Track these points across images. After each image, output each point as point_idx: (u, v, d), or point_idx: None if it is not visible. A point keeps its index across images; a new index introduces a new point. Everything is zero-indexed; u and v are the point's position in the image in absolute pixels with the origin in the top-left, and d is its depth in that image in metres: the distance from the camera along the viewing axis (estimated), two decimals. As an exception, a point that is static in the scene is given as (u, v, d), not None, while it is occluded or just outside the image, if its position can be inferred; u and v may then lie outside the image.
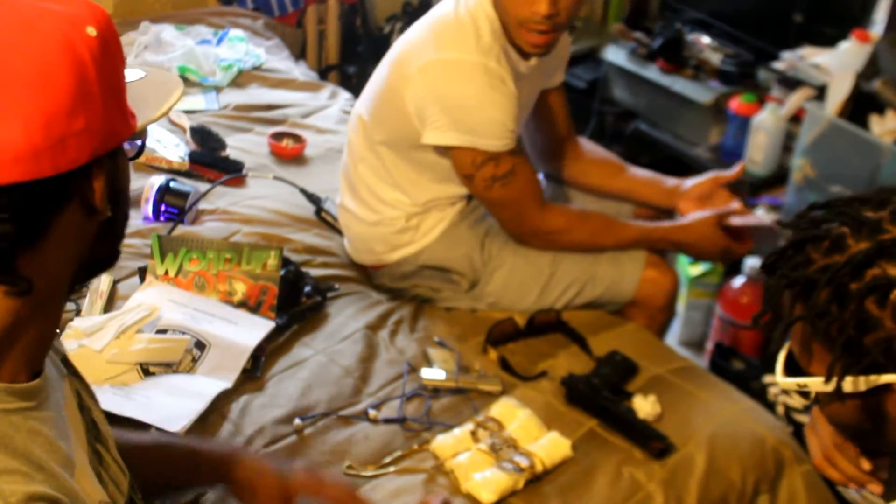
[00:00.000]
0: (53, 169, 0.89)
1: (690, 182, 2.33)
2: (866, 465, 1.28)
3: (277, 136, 2.69)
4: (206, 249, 1.96)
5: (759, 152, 3.01)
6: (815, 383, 1.09)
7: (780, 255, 1.12)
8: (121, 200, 1.02)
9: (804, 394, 1.14)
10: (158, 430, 1.69)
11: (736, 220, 2.25)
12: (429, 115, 2.00)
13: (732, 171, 2.31)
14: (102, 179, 0.95)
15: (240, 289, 1.94)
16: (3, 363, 0.95)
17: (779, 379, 1.15)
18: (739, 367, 2.59)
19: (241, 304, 1.94)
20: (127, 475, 1.17)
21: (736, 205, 2.30)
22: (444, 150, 2.07)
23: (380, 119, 2.11)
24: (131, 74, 1.08)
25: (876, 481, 1.29)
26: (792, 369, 1.14)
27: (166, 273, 1.93)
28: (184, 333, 1.88)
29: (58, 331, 1.09)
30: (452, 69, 1.98)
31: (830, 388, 1.06)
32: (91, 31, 0.93)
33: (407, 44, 2.07)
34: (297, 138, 2.71)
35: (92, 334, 1.82)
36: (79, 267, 1.01)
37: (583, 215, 2.22)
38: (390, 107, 2.08)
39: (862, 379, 1.05)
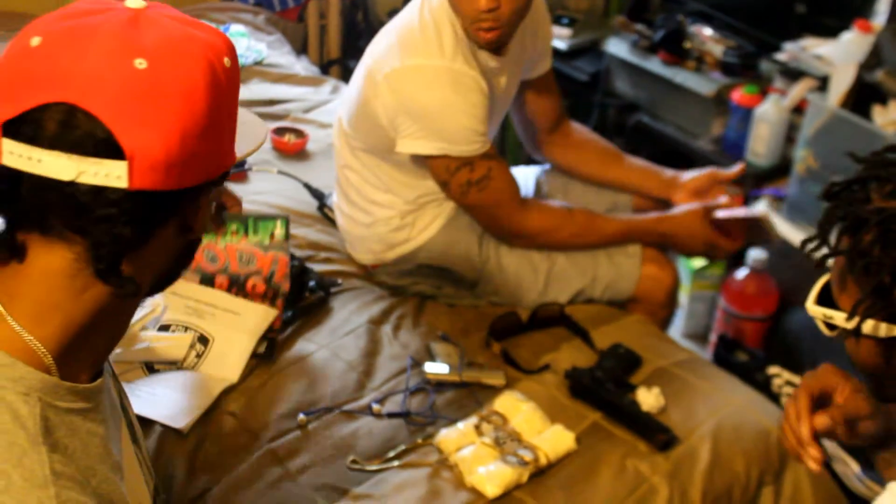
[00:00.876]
0: (178, 184, 0.93)
1: (688, 175, 2.33)
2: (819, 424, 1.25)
3: (280, 132, 2.69)
4: None
5: (761, 144, 3.00)
6: (839, 317, 1.11)
7: (845, 186, 1.12)
8: (214, 220, 1.06)
9: (829, 326, 1.16)
10: (162, 426, 1.70)
11: (721, 213, 2.25)
12: (399, 123, 1.99)
13: (731, 171, 2.30)
14: (209, 203, 0.99)
15: (252, 259, 1.93)
16: (73, 364, 0.96)
17: (808, 305, 1.16)
18: (743, 358, 2.59)
19: (255, 274, 1.94)
20: (153, 476, 1.19)
21: (724, 199, 2.29)
22: (420, 157, 2.05)
23: (357, 127, 2.11)
24: None
25: (817, 452, 1.25)
26: (824, 301, 1.16)
27: None
28: (187, 329, 1.88)
29: None
30: (417, 76, 1.97)
31: (851, 325, 1.08)
32: (227, 61, 0.97)
33: (374, 51, 2.06)
34: (299, 133, 2.71)
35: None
36: (158, 278, 1.03)
37: (566, 213, 2.19)
38: (365, 116, 2.07)
39: (883, 326, 1.06)
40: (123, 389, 1.19)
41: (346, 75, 3.75)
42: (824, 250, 1.13)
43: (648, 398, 1.93)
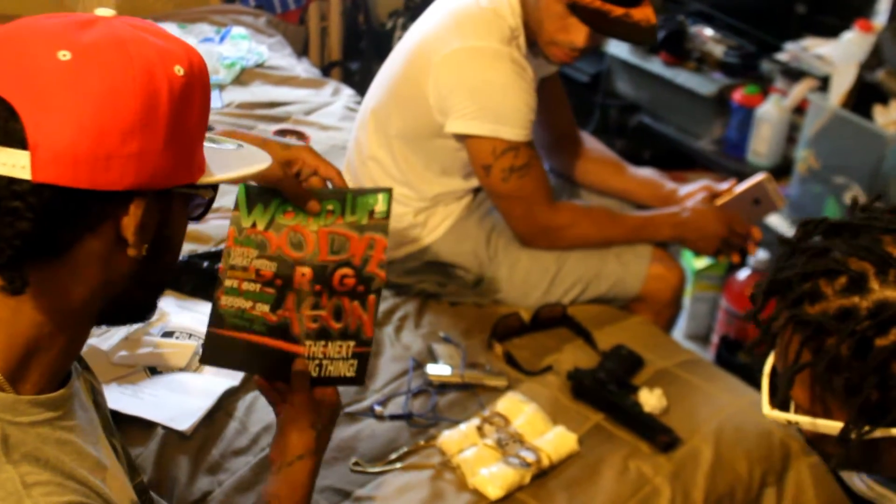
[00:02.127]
0: (89, 183, 0.89)
1: (685, 189, 2.33)
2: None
3: (281, 133, 2.68)
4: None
5: (762, 144, 3.00)
6: (826, 426, 1.01)
7: (785, 284, 1.01)
8: (164, 247, 1.00)
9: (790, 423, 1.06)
10: (165, 428, 1.70)
11: (721, 200, 2.25)
12: (453, 103, 2.00)
13: (723, 187, 2.30)
14: (140, 213, 0.94)
15: (344, 246, 1.50)
16: (26, 376, 0.95)
17: (766, 412, 1.07)
18: (745, 359, 2.59)
19: (345, 264, 1.49)
20: (133, 465, 1.19)
21: (725, 185, 2.29)
22: (461, 142, 2.07)
23: (397, 110, 2.11)
24: (227, 145, 1.10)
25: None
26: (774, 391, 1.07)
27: (254, 225, 1.46)
28: (191, 336, 1.88)
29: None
30: (479, 56, 1.99)
31: (839, 436, 0.99)
32: (178, 69, 0.94)
33: (426, 34, 2.06)
34: (300, 135, 2.70)
35: (100, 334, 1.83)
36: (108, 302, 1.00)
37: (587, 210, 2.22)
38: (408, 98, 2.08)
39: (878, 431, 0.97)
40: (98, 382, 1.18)
41: (347, 77, 3.75)
42: (784, 369, 1.02)
43: (651, 399, 1.93)
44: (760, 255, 2.82)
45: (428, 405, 1.89)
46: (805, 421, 1.03)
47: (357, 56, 3.83)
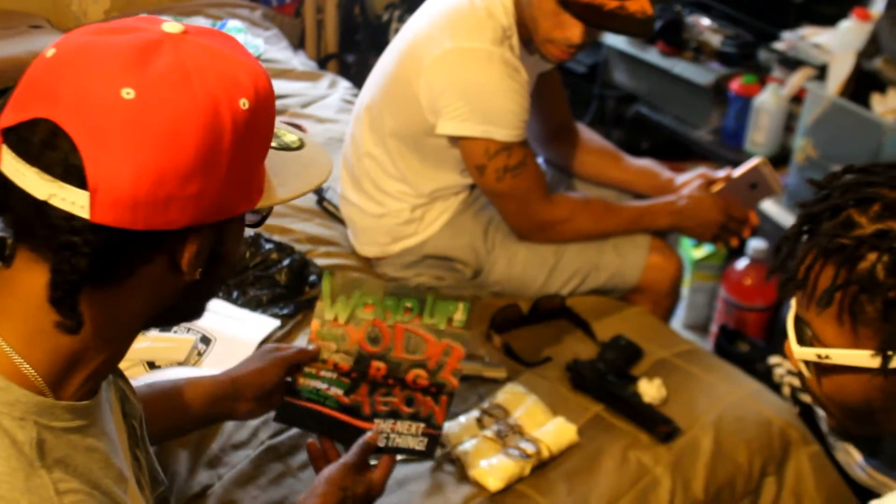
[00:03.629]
0: (146, 224, 0.88)
1: (681, 178, 2.33)
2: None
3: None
4: (385, 296, 1.58)
5: (760, 133, 3.00)
6: (849, 356, 1.02)
7: (812, 218, 1.05)
8: (219, 265, 1.00)
9: (815, 366, 1.08)
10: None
11: (718, 187, 2.25)
12: (444, 104, 1.99)
13: (719, 175, 2.29)
14: (196, 246, 0.94)
15: (420, 347, 1.59)
16: (66, 385, 0.95)
17: (794, 348, 1.08)
18: (744, 349, 2.58)
19: (419, 365, 1.59)
20: (157, 477, 1.18)
21: (722, 172, 2.29)
22: (454, 141, 2.06)
23: (389, 109, 2.10)
24: (289, 139, 1.08)
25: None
26: (800, 339, 1.09)
27: (336, 319, 1.56)
28: (189, 330, 1.88)
29: None
30: (471, 57, 1.97)
31: (876, 363, 1.00)
32: (244, 103, 0.91)
33: (418, 34, 2.05)
34: (298, 127, 2.69)
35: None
36: (157, 314, 1.00)
37: (584, 203, 2.22)
38: (400, 97, 2.07)
39: None
40: (132, 387, 1.18)
41: (343, 70, 3.75)
42: (822, 292, 1.04)
43: (650, 390, 1.93)
44: (759, 244, 2.82)
45: (427, 397, 1.88)
46: (837, 354, 1.04)
47: (353, 48, 3.83)
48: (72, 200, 0.86)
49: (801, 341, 1.09)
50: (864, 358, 1.02)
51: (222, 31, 0.99)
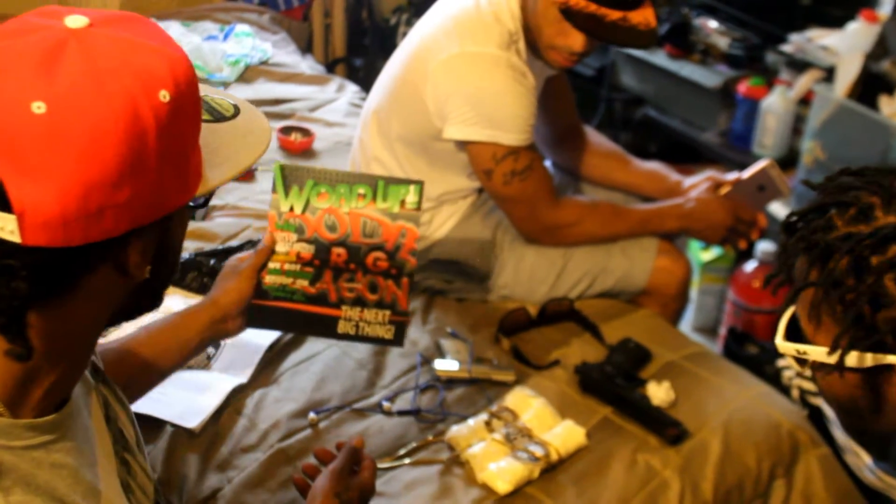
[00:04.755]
0: (83, 239, 0.84)
1: (688, 181, 2.33)
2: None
3: (286, 131, 2.69)
4: (335, 183, 1.65)
5: (768, 136, 2.99)
6: (817, 352, 1.06)
7: (802, 216, 1.09)
8: (166, 258, 0.97)
9: (801, 361, 1.11)
10: (174, 426, 1.71)
11: (726, 189, 2.25)
12: (451, 109, 1.99)
13: (727, 178, 2.29)
14: (139, 247, 0.90)
15: (376, 231, 1.65)
16: (26, 400, 0.92)
17: (778, 342, 1.12)
18: (753, 351, 2.58)
19: (377, 248, 1.65)
20: (153, 480, 1.16)
21: (730, 176, 2.28)
22: (461, 145, 2.06)
23: (396, 114, 2.11)
24: (223, 105, 1.02)
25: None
26: (793, 335, 1.11)
27: (291, 210, 1.62)
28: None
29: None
30: (477, 62, 1.97)
31: (833, 359, 1.03)
32: (164, 95, 0.86)
33: (425, 38, 2.05)
34: (305, 132, 2.71)
35: (107, 334, 1.82)
36: (111, 316, 0.97)
37: (592, 206, 2.22)
38: (407, 102, 2.07)
39: (868, 356, 1.02)
40: (118, 392, 1.15)
41: (351, 73, 3.75)
42: (791, 287, 1.09)
43: (659, 392, 1.93)
44: (768, 246, 2.82)
45: (436, 400, 1.89)
46: (812, 350, 1.07)
47: (361, 52, 3.83)
48: (0, 226, 0.82)
49: (789, 337, 1.11)
50: (822, 355, 1.05)
51: (131, 14, 0.93)
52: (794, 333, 1.11)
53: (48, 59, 0.83)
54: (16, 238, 0.82)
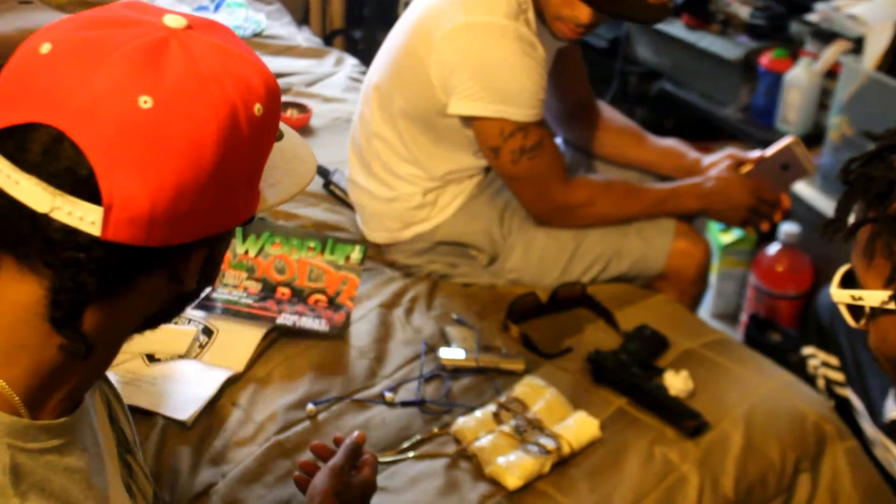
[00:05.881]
0: (163, 241, 0.87)
1: (707, 159, 2.33)
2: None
3: (282, 106, 2.68)
4: (290, 236, 2.04)
5: (792, 111, 2.98)
6: (873, 296, 1.08)
7: (861, 162, 1.11)
8: (211, 271, 1.00)
9: (855, 312, 1.13)
10: (165, 418, 1.71)
11: (747, 168, 2.24)
12: (457, 82, 1.99)
13: (749, 156, 2.28)
14: (202, 257, 0.94)
15: (321, 277, 2.00)
16: (45, 403, 0.93)
17: (832, 290, 1.14)
18: (776, 339, 2.58)
19: (320, 292, 2.00)
20: (151, 483, 1.17)
21: (754, 154, 2.28)
22: (467, 121, 2.06)
23: (399, 88, 2.10)
24: None
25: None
26: (847, 286, 1.14)
27: (246, 252, 2.01)
28: (191, 321, 1.90)
29: None
30: (484, 33, 1.97)
31: (885, 297, 1.05)
32: (259, 109, 0.90)
33: (429, 7, 2.04)
34: (301, 108, 2.70)
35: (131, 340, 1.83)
36: (144, 323, 1.00)
37: (605, 185, 2.21)
38: (410, 75, 2.06)
39: None
40: (115, 390, 1.16)
41: (350, 46, 3.75)
42: (848, 227, 1.12)
43: (676, 382, 1.93)
44: (792, 228, 2.81)
45: (441, 391, 1.89)
46: (868, 295, 1.09)
47: (361, 24, 3.82)
48: (80, 215, 0.84)
49: (843, 284, 1.14)
50: (878, 299, 1.07)
51: (219, 22, 0.98)
52: (849, 285, 1.14)
53: (153, 55, 0.86)
54: (95, 231, 0.84)
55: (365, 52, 3.42)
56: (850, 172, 1.12)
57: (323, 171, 2.43)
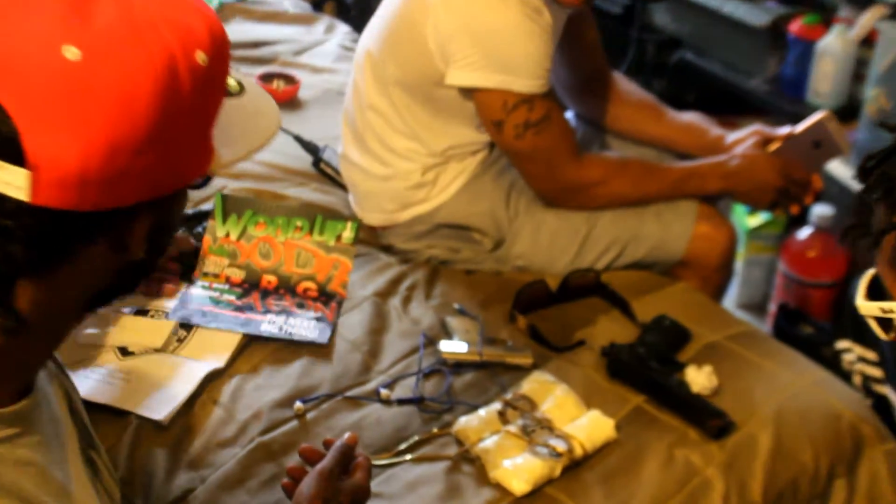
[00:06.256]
0: (96, 204, 0.86)
1: (732, 136, 2.33)
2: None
3: (267, 78, 2.69)
4: (274, 214, 2.01)
5: (825, 82, 2.97)
6: None
7: (880, 159, 1.08)
8: (162, 238, 0.99)
9: (885, 325, 1.10)
10: (138, 417, 1.70)
11: (776, 145, 2.24)
12: (455, 49, 1.98)
13: (777, 132, 2.27)
14: (148, 222, 0.93)
15: (309, 261, 1.99)
16: None
17: (859, 302, 1.11)
18: (808, 331, 2.58)
19: (309, 279, 1.99)
20: (117, 482, 1.17)
21: (784, 130, 2.27)
22: (468, 92, 2.05)
23: (393, 56, 2.10)
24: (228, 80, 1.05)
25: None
26: (876, 295, 1.11)
27: (227, 235, 1.98)
28: (167, 314, 1.90)
29: None
30: None
31: None
32: (201, 57, 0.89)
33: None
34: (289, 79, 2.70)
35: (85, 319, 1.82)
36: (93, 298, 0.99)
37: (621, 163, 2.22)
38: (406, 42, 2.06)
39: None
40: (73, 387, 1.16)
41: (341, 12, 3.74)
42: (870, 235, 1.09)
43: (699, 378, 1.93)
44: (824, 211, 2.80)
45: (441, 387, 1.89)
46: None
47: (353, -13, 3.81)
48: (4, 180, 0.83)
49: (871, 296, 1.12)
50: None
51: None
52: (876, 294, 1.11)
53: (81, 1, 0.85)
54: (22, 195, 0.83)
55: (358, 19, 3.40)
56: (868, 172, 1.09)
57: (312, 148, 2.42)
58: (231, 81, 1.06)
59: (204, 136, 0.94)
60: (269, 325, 1.90)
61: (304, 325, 1.92)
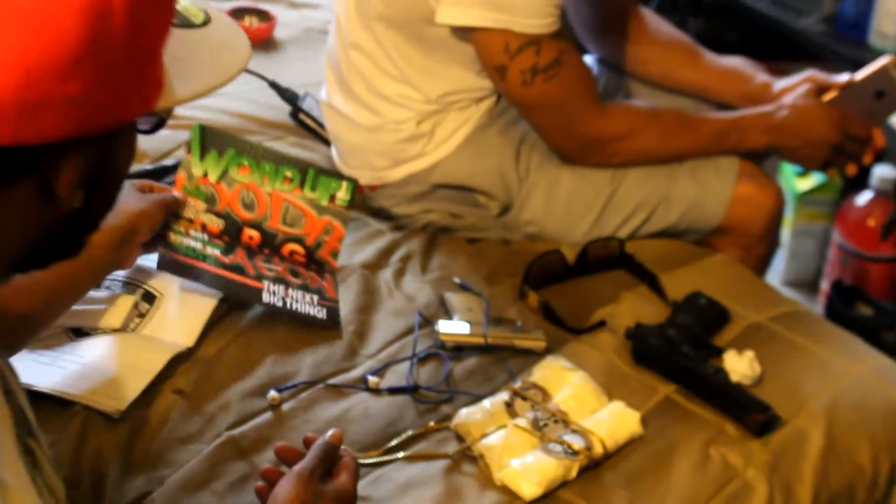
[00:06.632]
0: (12, 138, 0.86)
1: (781, 83, 2.33)
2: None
3: (237, 14, 2.68)
4: (261, 159, 1.93)
5: (890, 21, 2.96)
6: None
7: None
8: (105, 187, 1.00)
9: None
10: (87, 408, 1.70)
11: (831, 94, 2.25)
12: None
13: (834, 80, 2.26)
14: (79, 164, 0.93)
15: (298, 220, 1.95)
16: None
17: None
18: (866, 312, 2.59)
19: (295, 240, 1.96)
20: (62, 480, 1.17)
21: (842, 77, 2.27)
22: (464, 32, 2.04)
23: None
24: (190, 10, 1.05)
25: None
26: None
27: (206, 175, 1.91)
28: (127, 285, 1.90)
29: None
30: None
31: None
32: None
33: None
34: (263, 15, 2.70)
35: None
36: (27, 254, 0.99)
37: (650, 114, 2.22)
38: None
39: None
40: (12, 370, 1.15)
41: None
42: None
43: (739, 365, 1.93)
44: (887, 172, 2.79)
45: (439, 375, 1.89)
46: None
47: None
48: None
49: None
50: None
51: None
52: None
53: None
54: None
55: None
56: None
57: (290, 96, 2.42)
58: (194, 10, 1.07)
59: (148, 64, 0.94)
60: (270, 295, 1.89)
61: (306, 300, 1.92)
